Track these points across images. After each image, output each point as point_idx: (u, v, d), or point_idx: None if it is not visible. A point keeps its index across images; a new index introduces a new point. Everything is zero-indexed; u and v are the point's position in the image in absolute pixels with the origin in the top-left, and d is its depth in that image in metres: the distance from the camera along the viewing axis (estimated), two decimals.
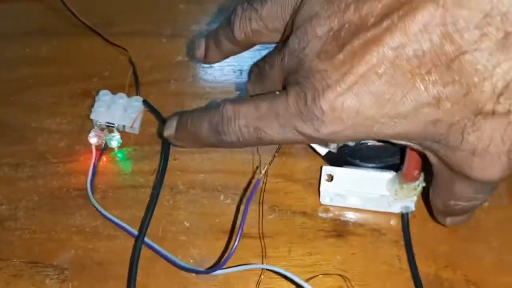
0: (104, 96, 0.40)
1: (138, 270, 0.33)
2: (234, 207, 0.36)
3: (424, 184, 0.33)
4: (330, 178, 0.35)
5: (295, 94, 0.27)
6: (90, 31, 0.48)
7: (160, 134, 0.36)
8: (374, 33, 0.24)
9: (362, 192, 0.34)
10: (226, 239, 0.34)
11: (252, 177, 0.37)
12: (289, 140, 0.28)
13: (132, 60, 0.45)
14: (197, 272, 0.32)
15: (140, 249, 0.33)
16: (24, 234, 0.35)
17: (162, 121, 0.39)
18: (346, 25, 0.25)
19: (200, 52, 0.36)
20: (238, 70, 0.45)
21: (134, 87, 0.43)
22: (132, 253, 0.33)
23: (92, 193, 0.36)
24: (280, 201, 0.36)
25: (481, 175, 0.25)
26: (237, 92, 0.43)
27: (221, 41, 0.34)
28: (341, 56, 0.25)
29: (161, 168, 0.37)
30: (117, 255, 0.34)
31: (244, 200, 0.36)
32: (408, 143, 0.28)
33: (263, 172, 0.33)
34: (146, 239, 0.33)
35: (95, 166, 0.37)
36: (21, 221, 0.36)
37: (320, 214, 0.35)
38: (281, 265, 0.32)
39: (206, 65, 0.46)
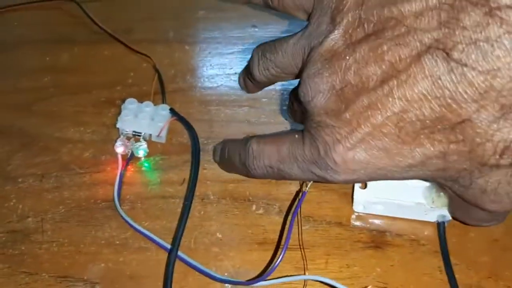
0: (131, 104, 0.39)
1: (172, 284, 0.32)
2: (266, 217, 0.35)
3: None
4: (364, 185, 0.34)
5: (309, 144, 0.28)
6: (110, 39, 0.48)
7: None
8: (375, 97, 0.25)
9: (397, 200, 0.33)
10: (260, 250, 0.33)
11: (299, 189, 0.36)
12: (311, 180, 0.31)
13: (156, 67, 0.44)
14: (238, 283, 0.31)
15: (174, 263, 0.32)
16: (52, 247, 0.34)
17: (189, 128, 0.39)
18: (348, 85, 0.26)
19: (241, 86, 0.40)
20: None
21: (159, 95, 0.42)
22: (166, 267, 0.32)
23: (120, 204, 0.35)
24: (315, 211, 0.35)
25: (494, 208, 0.27)
26: (264, 100, 0.43)
27: (249, 79, 0.37)
28: (347, 114, 0.26)
29: (192, 178, 0.36)
30: (148, 268, 0.33)
31: (276, 209, 0.35)
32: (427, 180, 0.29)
33: (309, 185, 0.33)
34: (179, 253, 0.32)
35: (121, 176, 0.37)
36: (48, 233, 0.35)
37: (356, 224, 0.34)
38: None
39: (230, 72, 0.45)
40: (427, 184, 0.33)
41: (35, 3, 0.51)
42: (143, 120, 0.38)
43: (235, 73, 0.45)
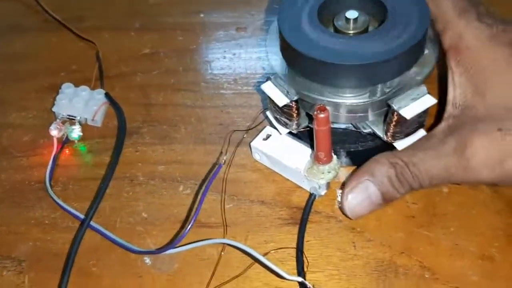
0: (67, 88, 0.40)
1: (93, 261, 0.33)
2: (193, 197, 0.36)
3: (335, 173, 0.33)
4: (267, 137, 0.36)
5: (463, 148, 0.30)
6: (61, 27, 0.49)
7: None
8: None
9: (283, 160, 0.35)
10: (182, 228, 0.34)
11: (212, 168, 0.37)
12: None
13: (98, 54, 0.45)
14: (147, 253, 0.32)
15: (83, 233, 0.33)
16: None
17: (118, 111, 0.39)
18: None
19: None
20: (205, 61, 0.45)
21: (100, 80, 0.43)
22: (74, 237, 0.34)
23: (51, 185, 0.36)
24: (239, 190, 0.36)
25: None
26: (202, 84, 0.43)
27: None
28: None
29: (113, 160, 0.37)
30: (70, 246, 0.34)
31: (203, 189, 0.36)
32: None
33: (225, 158, 0.34)
34: (99, 226, 0.33)
35: (55, 159, 0.38)
36: None
37: (278, 202, 0.35)
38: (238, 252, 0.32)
39: (173, 57, 0.46)
40: (309, 154, 0.34)
41: None
42: (77, 104, 0.39)
43: (177, 58, 0.45)
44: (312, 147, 0.35)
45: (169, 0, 0.51)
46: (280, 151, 0.35)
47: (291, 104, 0.33)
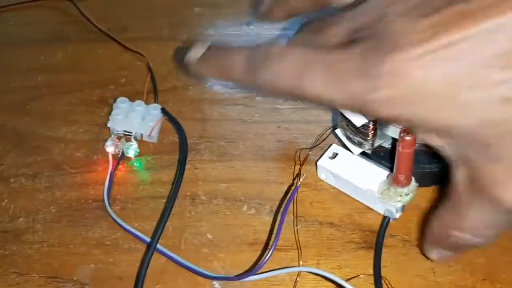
0: (122, 103, 0.39)
1: (160, 285, 0.32)
2: (257, 218, 0.35)
3: (412, 195, 0.32)
4: (334, 156, 0.35)
5: (359, 48, 0.24)
6: (105, 37, 0.47)
7: (180, 60, 0.31)
8: (471, 6, 0.21)
9: (353, 180, 0.34)
10: (250, 251, 0.33)
11: (290, 187, 0.36)
12: (326, 98, 0.25)
13: (149, 66, 0.44)
14: (227, 279, 0.31)
15: (150, 256, 0.32)
16: (42, 247, 0.34)
17: (178, 128, 0.38)
18: None
19: (264, 7, 0.33)
20: None
21: (152, 93, 0.42)
22: (141, 260, 0.32)
23: (109, 204, 0.35)
24: (306, 211, 0.35)
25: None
26: (258, 98, 0.42)
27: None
28: (425, 21, 0.22)
29: (177, 178, 0.35)
30: (138, 269, 0.32)
31: (268, 209, 0.35)
32: (445, 147, 0.25)
33: (301, 179, 0.32)
34: (166, 250, 0.32)
35: (111, 176, 0.36)
36: (39, 234, 0.35)
37: (348, 224, 0.34)
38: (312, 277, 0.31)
39: None
40: (385, 175, 0.33)
41: (30, 2, 0.51)
42: (134, 120, 0.38)
43: None
44: (386, 167, 0.33)
45: (214, 11, 0.50)
46: (350, 171, 0.34)
47: (369, 125, 0.31)
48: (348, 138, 0.34)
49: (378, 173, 0.33)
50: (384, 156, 0.34)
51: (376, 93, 0.23)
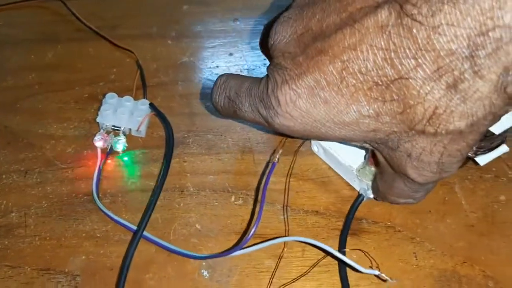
0: (111, 99, 0.40)
1: (150, 274, 0.32)
2: (245, 208, 0.35)
3: None
4: None
5: (264, 82, 0.29)
6: (95, 35, 0.48)
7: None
8: (328, 43, 0.26)
9: (338, 155, 0.35)
10: (238, 239, 0.34)
11: (262, 177, 0.37)
12: (255, 121, 0.31)
13: (139, 62, 0.44)
14: (213, 257, 0.32)
15: (137, 244, 0.32)
16: (34, 241, 0.35)
17: (165, 123, 0.39)
18: (309, 31, 0.27)
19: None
20: (245, 69, 0.45)
21: (142, 90, 0.43)
22: (127, 247, 0.33)
23: (98, 197, 0.36)
24: (292, 201, 0.35)
25: (415, 176, 0.27)
26: None
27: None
28: (300, 58, 0.27)
29: (162, 172, 0.36)
30: (123, 257, 0.33)
31: (255, 199, 0.36)
32: (355, 143, 0.29)
33: (278, 154, 0.34)
34: (153, 237, 0.33)
35: (100, 170, 0.37)
36: (31, 228, 0.35)
37: (333, 213, 0.35)
38: (295, 264, 0.32)
39: (212, 66, 0.45)
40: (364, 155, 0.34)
41: (20, 2, 0.52)
42: (122, 115, 0.39)
43: (217, 66, 0.45)
44: None
45: (202, 8, 0.51)
46: (338, 147, 0.35)
47: None
48: None
49: (363, 153, 0.34)
50: None
51: (278, 120, 0.28)
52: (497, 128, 0.30)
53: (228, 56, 0.46)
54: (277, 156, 0.34)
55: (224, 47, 0.47)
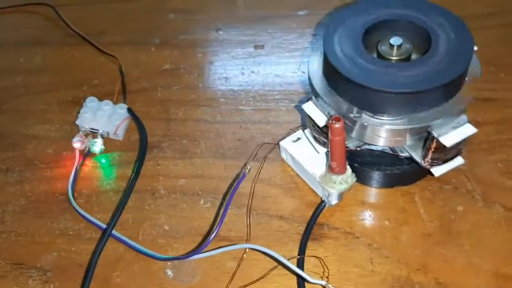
0: (91, 102, 0.41)
1: (117, 272, 0.34)
2: (213, 211, 0.37)
3: (347, 185, 0.34)
4: (297, 140, 0.38)
5: None
6: (82, 41, 0.50)
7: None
8: None
9: (304, 163, 0.36)
10: (202, 241, 0.35)
11: (232, 182, 0.38)
12: None
13: (121, 69, 0.46)
14: (171, 259, 0.34)
15: (105, 242, 0.34)
16: (10, 236, 0.36)
17: (140, 127, 0.41)
18: None
19: None
20: (224, 77, 0.46)
21: (122, 94, 0.44)
22: (96, 245, 0.35)
23: (73, 196, 0.37)
24: (258, 205, 0.37)
25: None
26: (221, 100, 0.44)
27: None
28: None
29: (133, 174, 0.38)
30: (91, 254, 0.35)
31: (223, 203, 0.37)
32: None
33: (249, 167, 0.35)
34: (122, 236, 0.35)
35: (77, 171, 0.39)
36: (8, 224, 0.37)
37: (296, 218, 0.36)
38: (256, 267, 0.33)
39: (192, 74, 0.47)
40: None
41: (13, 7, 0.54)
42: (101, 118, 0.40)
43: (197, 74, 0.47)
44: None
45: (187, 17, 0.53)
46: (304, 156, 0.37)
47: None
48: (314, 138, 0.36)
49: (322, 159, 0.36)
50: (353, 159, 0.36)
51: None
52: (448, 141, 0.31)
53: (209, 64, 0.48)
54: (248, 168, 0.36)
55: (205, 56, 0.48)
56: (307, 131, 0.37)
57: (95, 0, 0.55)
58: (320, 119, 0.33)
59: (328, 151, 0.34)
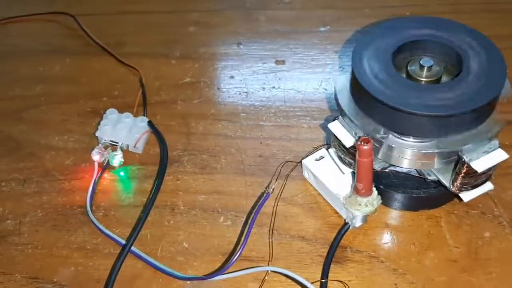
0: (111, 114, 0.41)
1: None
2: (233, 229, 0.36)
3: (372, 208, 0.33)
4: (320, 158, 0.37)
5: None
6: (102, 51, 0.50)
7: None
8: None
9: (327, 183, 0.36)
10: (224, 261, 0.34)
11: (257, 199, 0.37)
12: None
13: (142, 81, 0.46)
14: (197, 279, 0.33)
15: (124, 258, 0.33)
16: (26, 249, 0.36)
17: (161, 141, 0.40)
18: None
19: None
20: (244, 92, 0.46)
21: (142, 107, 0.44)
22: (115, 261, 0.34)
23: (91, 210, 0.37)
24: (279, 225, 0.36)
25: None
26: (242, 114, 0.44)
27: None
28: None
29: (154, 189, 0.37)
30: (110, 270, 0.34)
31: (243, 221, 0.36)
32: None
33: (273, 187, 0.34)
34: (141, 253, 0.34)
35: (95, 184, 0.38)
36: (25, 236, 0.36)
37: (319, 239, 0.35)
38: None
39: (213, 88, 0.46)
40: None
41: (34, 15, 0.54)
42: (121, 131, 0.40)
43: (218, 88, 0.46)
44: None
45: (208, 30, 0.52)
46: (328, 175, 0.36)
47: None
48: (340, 158, 0.35)
49: (348, 180, 0.35)
50: (378, 180, 0.35)
51: None
52: (479, 166, 0.30)
53: (229, 78, 0.47)
54: (272, 187, 0.35)
55: (225, 70, 0.48)
56: (331, 150, 0.36)
57: (116, 10, 0.55)
58: (347, 140, 0.33)
59: (353, 172, 0.34)
